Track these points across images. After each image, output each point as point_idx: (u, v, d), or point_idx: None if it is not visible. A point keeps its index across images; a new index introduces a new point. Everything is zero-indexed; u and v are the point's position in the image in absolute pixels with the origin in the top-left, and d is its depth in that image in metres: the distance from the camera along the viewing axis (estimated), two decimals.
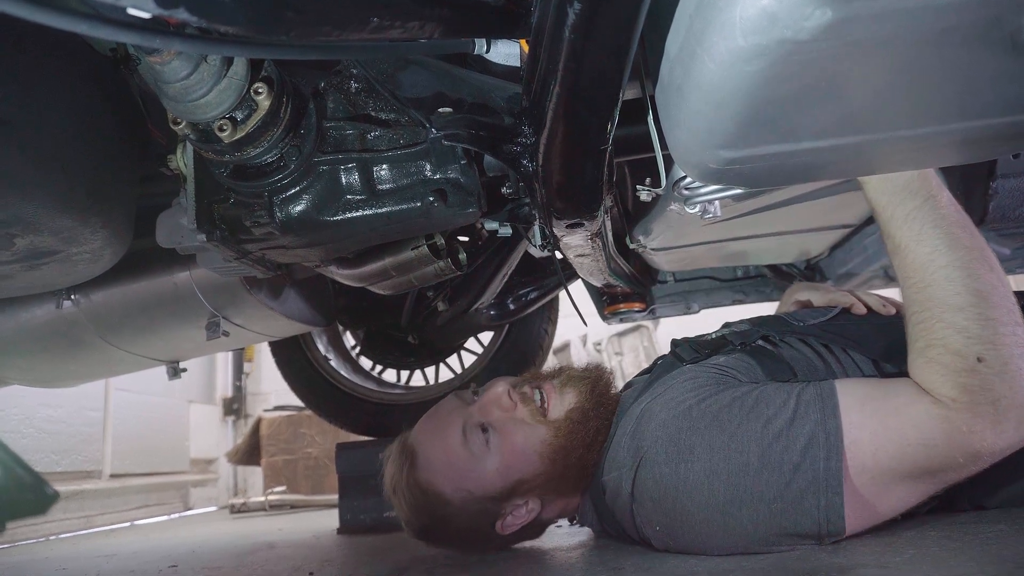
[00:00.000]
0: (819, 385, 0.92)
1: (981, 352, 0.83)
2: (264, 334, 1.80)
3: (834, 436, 0.87)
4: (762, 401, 0.93)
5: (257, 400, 5.97)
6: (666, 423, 0.98)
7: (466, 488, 1.10)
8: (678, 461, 0.94)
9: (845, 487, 0.86)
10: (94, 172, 1.00)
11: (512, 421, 1.10)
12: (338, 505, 2.15)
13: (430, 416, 1.21)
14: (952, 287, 0.85)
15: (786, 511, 0.88)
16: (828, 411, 0.88)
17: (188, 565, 1.58)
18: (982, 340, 0.83)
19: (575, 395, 1.13)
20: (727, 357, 1.09)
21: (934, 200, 0.88)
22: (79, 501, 3.65)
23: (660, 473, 0.95)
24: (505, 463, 1.09)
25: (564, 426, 1.09)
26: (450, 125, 0.88)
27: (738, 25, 0.49)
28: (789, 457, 0.88)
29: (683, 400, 0.99)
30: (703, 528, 0.93)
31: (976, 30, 0.50)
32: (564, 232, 0.99)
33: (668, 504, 0.95)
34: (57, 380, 1.90)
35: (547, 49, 0.62)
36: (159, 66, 0.71)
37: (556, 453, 1.08)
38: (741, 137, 0.61)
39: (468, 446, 1.10)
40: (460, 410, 1.15)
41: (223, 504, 4.97)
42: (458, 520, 1.13)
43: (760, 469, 0.89)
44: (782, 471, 0.88)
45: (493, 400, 1.13)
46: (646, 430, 1.00)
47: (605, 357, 5.72)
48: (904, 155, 0.73)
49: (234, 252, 1.00)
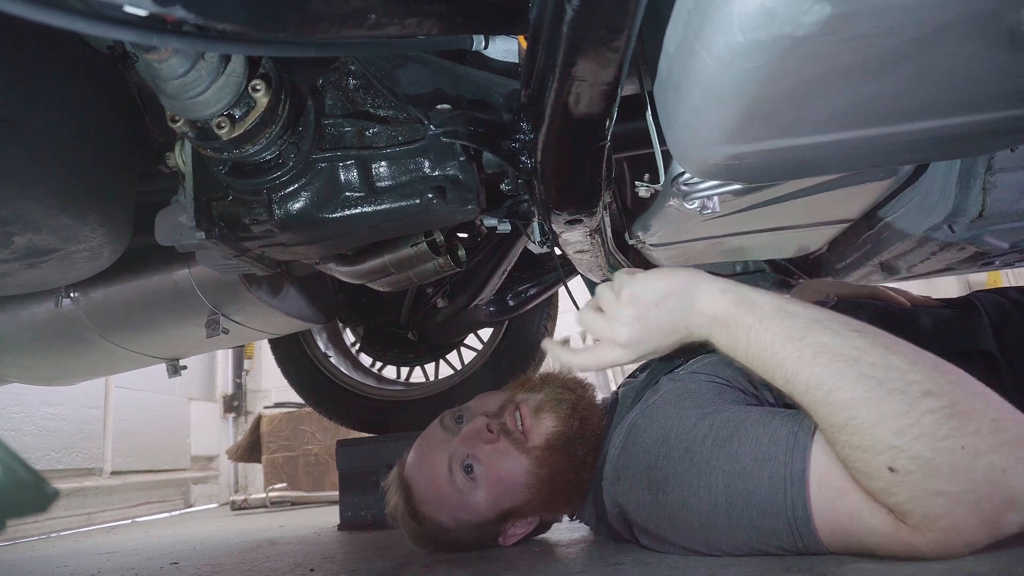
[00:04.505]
0: (800, 421, 0.81)
1: (887, 461, 0.68)
2: (264, 331, 1.80)
3: (799, 477, 0.77)
4: (735, 436, 0.85)
5: (257, 397, 5.99)
6: (647, 449, 0.96)
7: (461, 518, 1.14)
8: (655, 490, 0.92)
9: (816, 526, 0.77)
10: (93, 170, 1.00)
11: (495, 453, 1.10)
12: (339, 501, 2.15)
13: (418, 448, 1.22)
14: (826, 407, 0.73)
15: (763, 546, 0.83)
16: (799, 451, 0.78)
17: (189, 562, 1.59)
18: (878, 449, 0.68)
19: (553, 420, 1.11)
20: (721, 356, 1.07)
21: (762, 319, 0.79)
22: (80, 499, 3.65)
23: (643, 499, 0.95)
24: (493, 494, 1.11)
25: (547, 456, 1.09)
26: (449, 122, 0.88)
27: (736, 21, 0.49)
28: (755, 501, 0.81)
29: (665, 421, 0.96)
30: (691, 548, 0.92)
31: (974, 25, 0.50)
32: (563, 228, 0.99)
33: (653, 526, 0.95)
34: (57, 378, 1.90)
35: (545, 45, 0.62)
36: (157, 63, 0.71)
37: (541, 482, 1.09)
38: (740, 133, 0.61)
39: (454, 481, 1.12)
40: (445, 444, 1.16)
41: (224, 501, 4.98)
42: (461, 542, 1.19)
43: (728, 510, 0.83)
44: (749, 513, 0.81)
45: (474, 433, 1.13)
46: (631, 449, 1.00)
47: None
48: (902, 149, 0.73)
49: (233, 250, 1.00)
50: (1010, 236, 1.28)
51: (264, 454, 4.25)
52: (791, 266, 1.80)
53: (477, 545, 1.20)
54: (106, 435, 4.01)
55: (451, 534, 1.17)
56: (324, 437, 4.14)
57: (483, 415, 1.15)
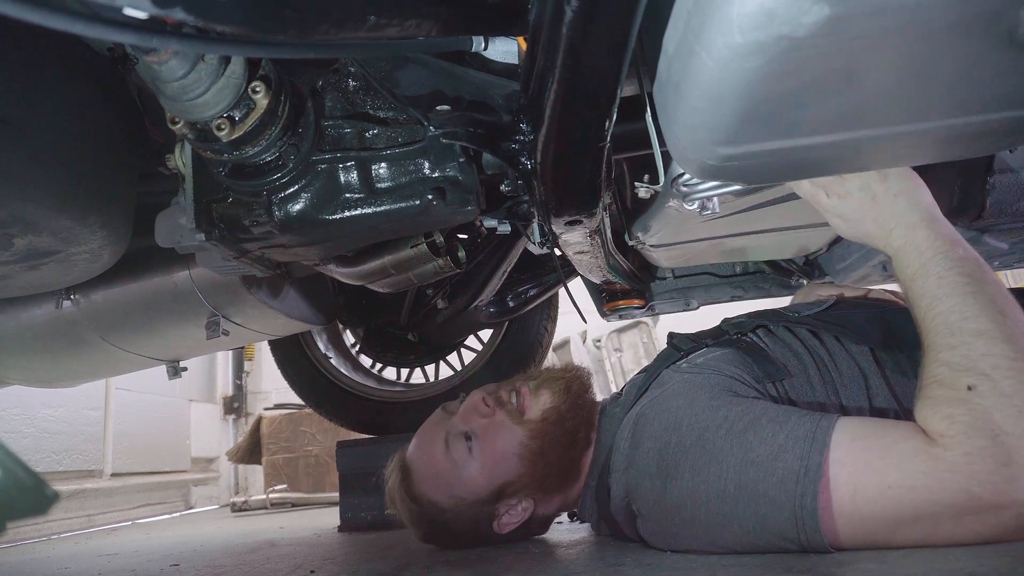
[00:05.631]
0: (817, 421, 0.84)
1: (971, 381, 0.75)
2: (264, 333, 1.80)
3: (813, 472, 0.79)
4: (751, 429, 0.87)
5: (257, 398, 5.99)
6: (657, 435, 0.96)
7: (456, 495, 1.16)
8: (665, 476, 0.92)
9: (822, 524, 0.79)
10: (93, 171, 1.00)
11: (491, 426, 1.15)
12: (339, 503, 2.15)
13: (420, 431, 1.27)
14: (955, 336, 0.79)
15: (766, 539, 0.84)
16: (817, 447, 0.80)
17: (190, 564, 1.58)
18: (973, 371, 0.75)
19: (550, 395, 1.17)
20: (723, 351, 1.08)
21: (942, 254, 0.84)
22: (80, 500, 3.65)
23: (652, 485, 0.95)
24: (487, 467, 1.13)
25: (539, 427, 1.13)
26: (448, 123, 0.88)
27: (736, 21, 0.49)
28: (764, 489, 0.82)
29: (676, 411, 0.97)
30: (692, 543, 0.93)
31: (974, 25, 0.50)
32: (563, 229, 0.99)
33: (659, 515, 0.95)
34: (57, 380, 1.91)
35: (545, 46, 0.62)
36: (156, 65, 0.71)
37: (534, 455, 1.12)
38: (739, 133, 0.61)
39: (451, 455, 1.15)
40: (444, 421, 1.22)
41: (224, 502, 4.98)
42: (456, 524, 1.19)
43: (736, 496, 0.84)
44: (757, 501, 0.82)
45: (472, 407, 1.18)
46: (641, 439, 1.00)
47: (605, 353, 5.73)
48: (902, 150, 0.73)
49: (233, 251, 1.00)
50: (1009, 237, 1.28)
51: (264, 455, 4.25)
52: (791, 266, 1.80)
53: (472, 529, 1.19)
54: (106, 437, 4.01)
55: (446, 515, 1.18)
56: (324, 438, 4.14)
57: (481, 391, 1.20)
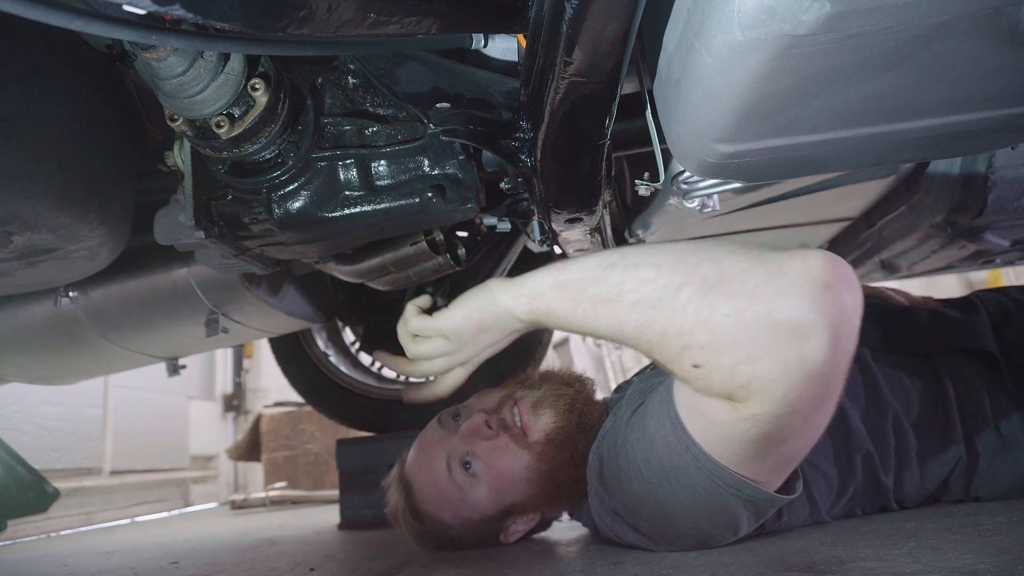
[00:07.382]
0: (665, 387, 0.90)
1: (689, 361, 0.73)
2: (263, 330, 1.80)
3: (675, 419, 0.84)
4: (644, 415, 0.94)
5: (257, 396, 5.98)
6: (610, 451, 1.01)
7: (463, 515, 1.14)
8: (612, 491, 1.01)
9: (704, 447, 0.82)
10: (91, 169, 0.99)
11: (495, 449, 1.10)
12: (339, 501, 2.15)
13: (417, 447, 1.22)
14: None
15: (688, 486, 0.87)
16: (668, 404, 0.86)
17: (189, 561, 1.58)
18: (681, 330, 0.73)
19: (552, 415, 1.12)
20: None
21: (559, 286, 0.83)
22: (79, 498, 3.65)
23: (610, 498, 1.02)
24: (494, 489, 1.11)
25: (547, 450, 1.09)
26: (448, 120, 0.88)
27: (736, 19, 0.48)
28: (663, 451, 0.87)
29: (618, 432, 1.01)
30: (664, 543, 0.99)
31: (975, 22, 0.50)
32: (563, 227, 0.98)
33: (629, 519, 1.01)
34: (56, 377, 1.90)
35: (545, 44, 0.62)
36: (155, 62, 0.70)
37: (543, 478, 1.09)
38: (739, 131, 0.61)
39: (454, 478, 1.12)
40: (443, 442, 1.16)
41: (224, 500, 4.98)
42: (463, 540, 1.19)
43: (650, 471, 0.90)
44: (662, 463, 0.88)
45: (473, 431, 1.13)
46: (600, 456, 1.05)
47: (604, 352, 5.73)
48: (903, 148, 0.73)
49: (232, 249, 1.00)
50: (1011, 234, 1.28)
51: (264, 453, 4.25)
52: None
53: (478, 543, 1.20)
54: (105, 434, 4.01)
55: (452, 532, 1.17)
56: (324, 436, 4.13)
57: (481, 411, 1.15)
